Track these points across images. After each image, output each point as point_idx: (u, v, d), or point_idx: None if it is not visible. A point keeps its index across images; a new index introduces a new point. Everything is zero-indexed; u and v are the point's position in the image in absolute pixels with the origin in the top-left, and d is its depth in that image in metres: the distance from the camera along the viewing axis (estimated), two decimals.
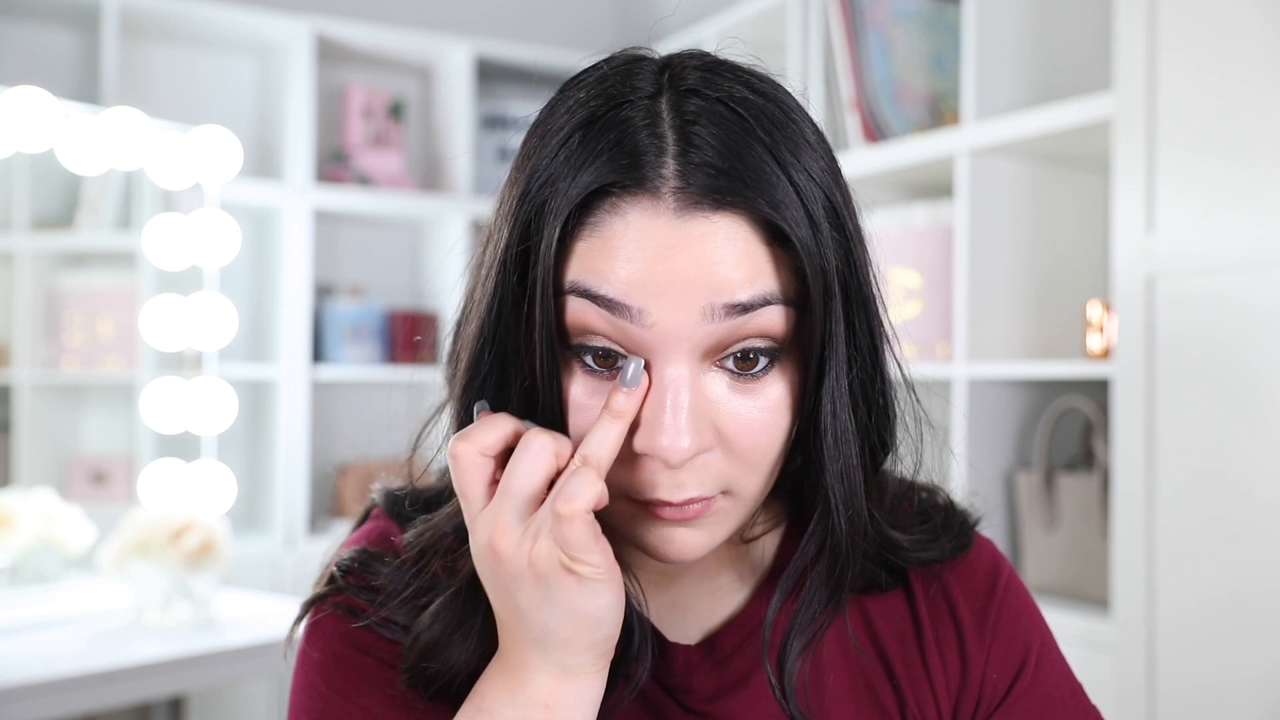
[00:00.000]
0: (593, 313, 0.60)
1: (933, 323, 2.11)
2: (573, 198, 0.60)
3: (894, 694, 0.74)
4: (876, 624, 0.75)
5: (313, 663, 0.71)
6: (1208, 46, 1.58)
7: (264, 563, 2.65)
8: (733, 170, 0.59)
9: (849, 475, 0.65)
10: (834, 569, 0.68)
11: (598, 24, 3.38)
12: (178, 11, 2.63)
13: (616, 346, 0.61)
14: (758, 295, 0.60)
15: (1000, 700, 0.74)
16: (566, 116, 0.63)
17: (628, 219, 0.60)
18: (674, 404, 0.60)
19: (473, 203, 2.95)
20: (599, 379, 0.63)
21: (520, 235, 0.62)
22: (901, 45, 2.27)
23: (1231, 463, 1.55)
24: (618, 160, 0.60)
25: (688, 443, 0.60)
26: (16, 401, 2.36)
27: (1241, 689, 1.53)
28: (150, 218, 2.43)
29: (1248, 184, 1.53)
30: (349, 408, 3.04)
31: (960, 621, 0.75)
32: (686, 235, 0.59)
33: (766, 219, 0.60)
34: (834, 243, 0.62)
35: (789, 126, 0.62)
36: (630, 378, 0.60)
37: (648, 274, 0.59)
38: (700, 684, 0.72)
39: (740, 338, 0.61)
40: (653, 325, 0.60)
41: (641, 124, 0.60)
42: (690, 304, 0.59)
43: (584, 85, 0.64)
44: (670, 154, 0.60)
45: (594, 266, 0.60)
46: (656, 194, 0.59)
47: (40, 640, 1.86)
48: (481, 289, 0.66)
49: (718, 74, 0.63)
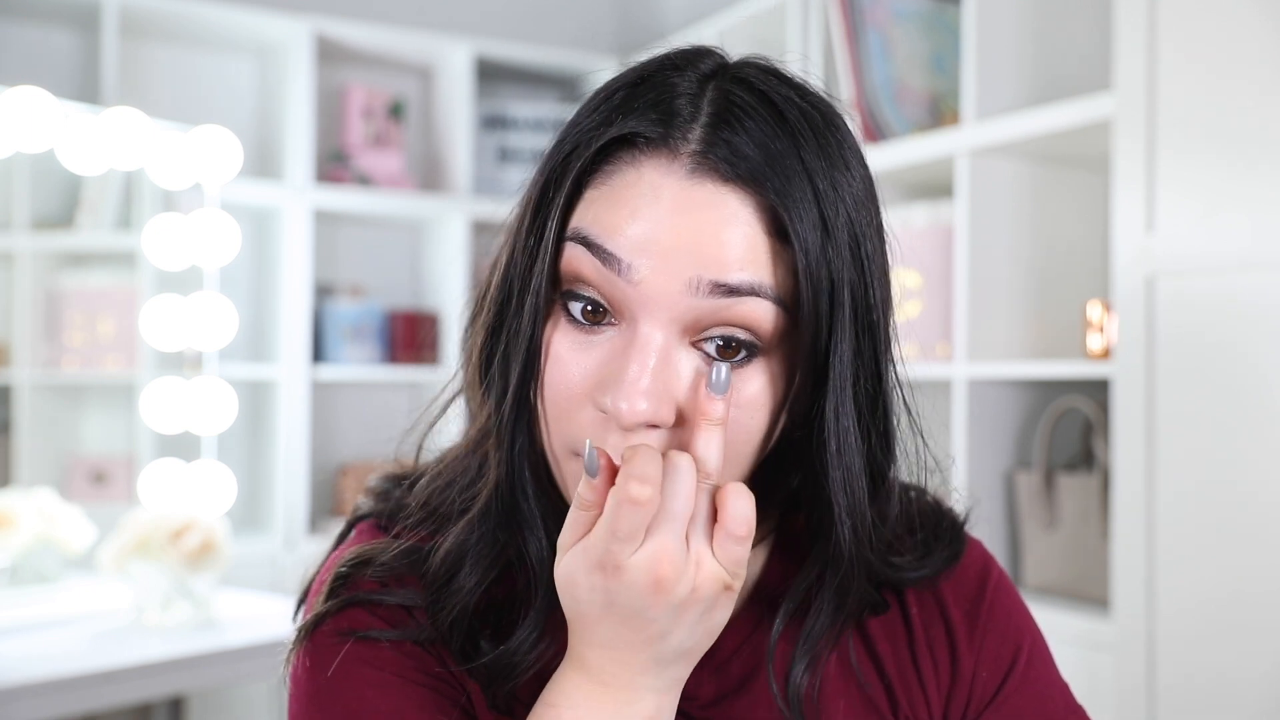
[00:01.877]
0: (587, 261, 0.61)
1: (933, 323, 2.11)
2: (595, 141, 0.62)
3: (886, 695, 0.74)
4: (870, 627, 0.75)
5: (320, 686, 0.67)
6: (1208, 46, 1.58)
7: (264, 563, 2.65)
8: (756, 156, 0.60)
9: (852, 486, 0.65)
10: (838, 586, 0.68)
11: (598, 24, 3.38)
12: (178, 11, 2.63)
13: (603, 300, 0.62)
14: (747, 282, 0.60)
15: (990, 699, 0.74)
16: (620, 79, 0.65)
17: (641, 172, 0.61)
18: (640, 364, 0.60)
19: (473, 203, 2.95)
20: (582, 333, 0.63)
21: (545, 184, 0.64)
22: (901, 45, 2.27)
23: (1232, 462, 1.55)
24: (649, 115, 0.62)
25: (644, 406, 0.60)
26: (16, 401, 2.36)
27: (1241, 689, 1.53)
28: (150, 218, 2.43)
29: (1248, 184, 1.53)
30: (349, 408, 3.04)
31: (950, 622, 0.75)
32: (692, 201, 0.60)
33: (773, 208, 0.60)
34: (849, 259, 0.62)
35: (828, 138, 0.63)
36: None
37: (646, 232, 0.60)
38: (700, 690, 0.72)
39: (722, 321, 0.61)
40: (638, 283, 0.60)
41: (684, 91, 0.62)
42: (679, 270, 0.60)
43: (647, 59, 0.66)
44: (700, 123, 0.61)
45: (598, 216, 0.61)
46: (675, 154, 0.61)
47: (40, 640, 1.86)
48: (508, 246, 0.67)
49: (775, 76, 0.64)
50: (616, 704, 0.61)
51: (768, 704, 0.71)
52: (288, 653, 0.71)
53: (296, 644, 0.70)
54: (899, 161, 2.16)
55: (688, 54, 0.65)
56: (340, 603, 0.69)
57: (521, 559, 0.69)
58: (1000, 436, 2.07)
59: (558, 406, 0.64)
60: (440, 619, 0.68)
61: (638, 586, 0.59)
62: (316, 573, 0.76)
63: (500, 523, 0.68)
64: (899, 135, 2.23)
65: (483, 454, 0.70)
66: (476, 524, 0.69)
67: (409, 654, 0.68)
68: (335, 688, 0.67)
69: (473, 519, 0.69)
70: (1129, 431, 1.66)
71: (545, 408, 0.65)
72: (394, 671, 0.68)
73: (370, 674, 0.67)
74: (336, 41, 2.84)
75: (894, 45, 2.26)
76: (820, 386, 0.63)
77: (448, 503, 0.71)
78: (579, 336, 0.63)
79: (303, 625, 0.70)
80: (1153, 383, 1.64)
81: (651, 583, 0.58)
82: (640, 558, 0.58)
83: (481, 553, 0.68)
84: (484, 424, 0.69)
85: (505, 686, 0.68)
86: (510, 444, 0.67)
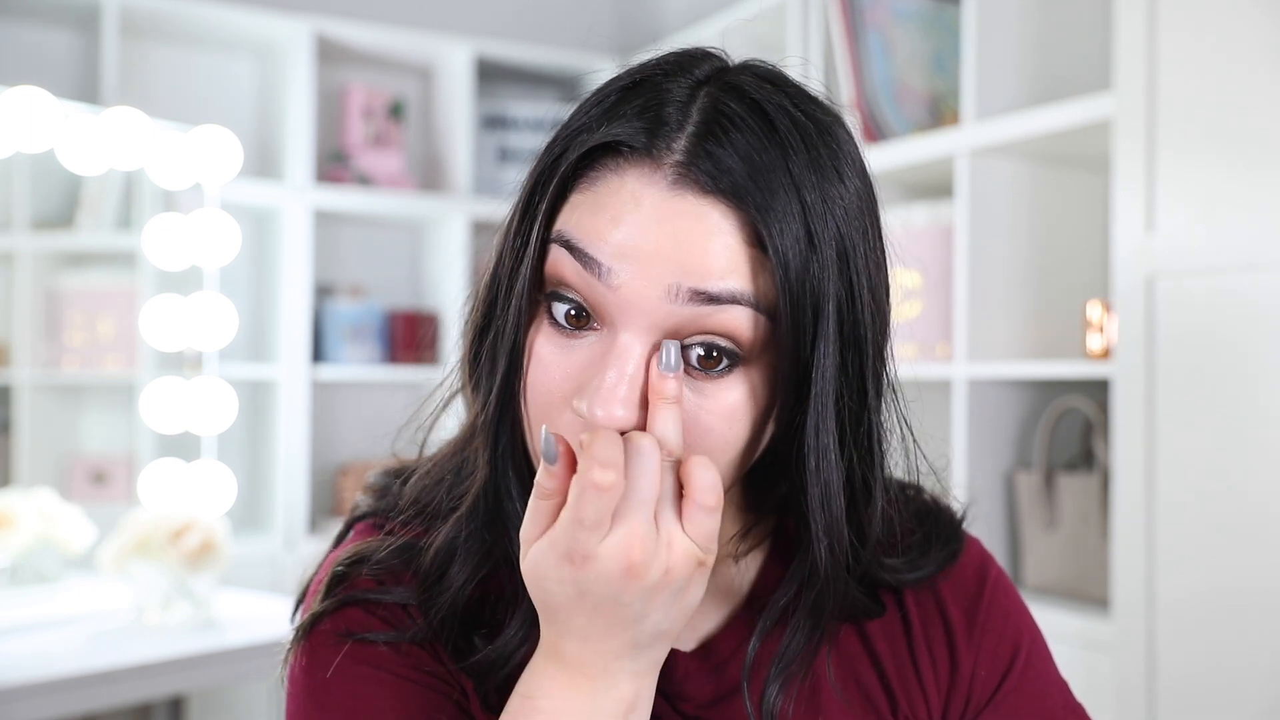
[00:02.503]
0: (569, 264, 0.61)
1: (933, 323, 2.11)
2: (582, 145, 0.62)
3: (885, 694, 0.74)
4: (868, 627, 0.75)
5: (317, 685, 0.68)
6: (1208, 46, 1.58)
7: (264, 563, 2.65)
8: (737, 169, 0.60)
9: (830, 504, 0.64)
10: (813, 604, 0.67)
11: (598, 24, 3.38)
12: (178, 11, 2.63)
13: (584, 304, 0.62)
14: (728, 291, 0.60)
15: (989, 698, 0.74)
16: (615, 81, 0.65)
17: (624, 179, 0.61)
18: (618, 371, 0.60)
19: (473, 203, 2.95)
20: (565, 337, 0.63)
21: (533, 186, 0.64)
22: (901, 45, 2.27)
23: (1232, 462, 1.55)
24: (636, 122, 0.61)
25: (621, 413, 0.59)
26: (16, 401, 2.36)
27: (1241, 688, 1.53)
28: (150, 218, 2.43)
29: (1248, 184, 1.53)
30: (349, 408, 3.04)
31: (949, 621, 0.75)
32: (673, 211, 0.60)
33: (752, 222, 0.60)
34: (836, 273, 0.61)
35: (819, 149, 0.62)
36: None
37: (626, 238, 0.60)
38: (696, 690, 0.72)
39: (702, 330, 0.61)
40: (618, 287, 0.60)
41: (675, 99, 0.62)
42: (658, 277, 0.59)
43: (647, 60, 0.66)
44: (687, 133, 0.61)
45: (581, 220, 0.61)
46: (658, 164, 0.61)
47: (40, 640, 1.86)
48: (497, 247, 0.67)
49: (772, 83, 0.63)
50: (594, 690, 0.61)
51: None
52: (285, 653, 0.71)
53: (294, 644, 0.70)
54: (899, 161, 2.16)
55: (685, 57, 0.65)
56: (337, 602, 0.70)
57: (508, 557, 0.69)
58: (1000, 436, 2.07)
59: (539, 408, 0.64)
60: (432, 615, 0.68)
61: (609, 574, 0.58)
62: (315, 573, 0.76)
63: (486, 521, 0.69)
64: (899, 135, 2.23)
65: (471, 452, 0.71)
66: (465, 522, 0.69)
67: (405, 652, 0.69)
68: (332, 687, 0.67)
69: (461, 517, 0.69)
70: (1129, 431, 1.66)
71: (527, 409, 0.65)
72: (390, 670, 0.68)
73: (367, 672, 0.68)
74: (336, 41, 2.84)
75: (894, 45, 2.26)
76: (802, 401, 0.63)
77: (438, 500, 0.72)
78: (561, 340, 0.63)
79: (300, 625, 0.70)
80: (1153, 383, 1.64)
81: (623, 569, 0.57)
82: (610, 545, 0.58)
83: (470, 550, 0.69)
84: (471, 422, 0.70)
85: (494, 683, 0.68)
86: (494, 443, 0.67)
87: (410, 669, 0.68)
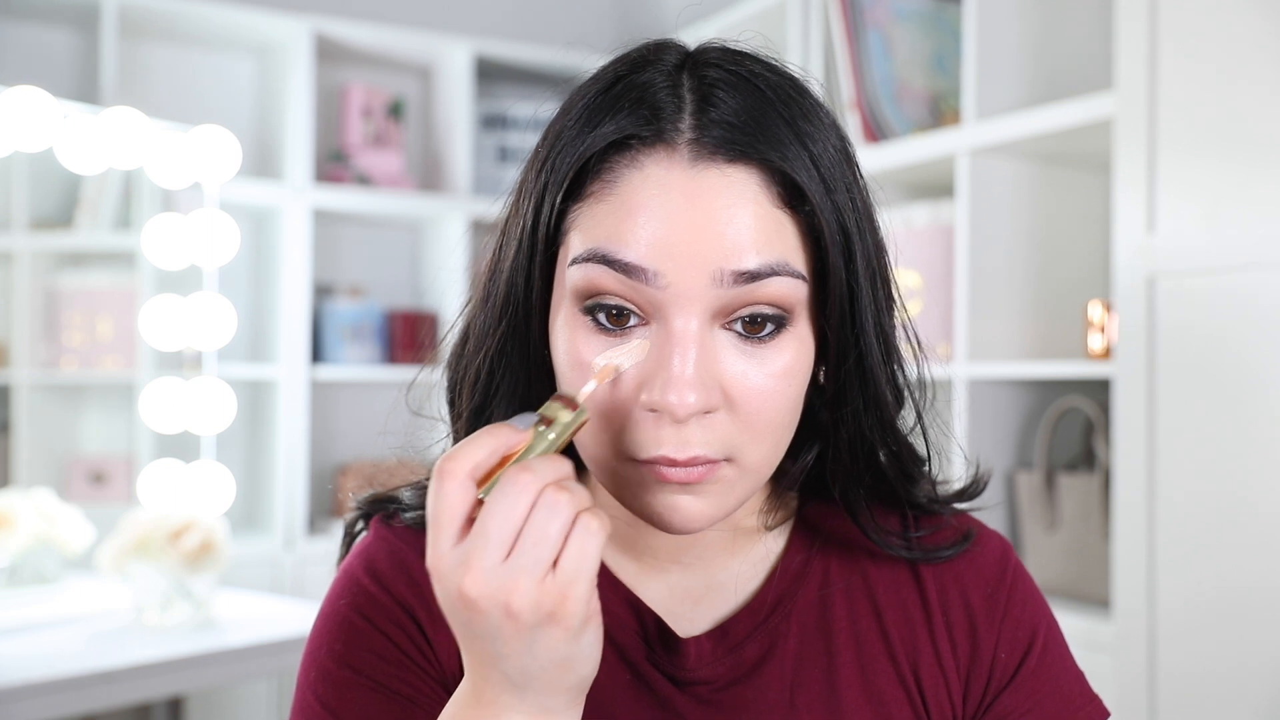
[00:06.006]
0: (609, 277, 0.62)
1: (933, 323, 2.11)
2: (592, 146, 0.63)
3: (904, 674, 0.74)
4: (885, 610, 0.76)
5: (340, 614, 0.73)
6: (1208, 46, 1.58)
7: (263, 563, 2.64)
8: (747, 127, 0.62)
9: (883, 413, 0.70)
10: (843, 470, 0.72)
11: (598, 24, 3.38)
12: (177, 11, 2.63)
13: (630, 305, 0.63)
14: (765, 264, 0.62)
15: (1009, 679, 0.75)
16: (590, 84, 0.66)
17: (645, 172, 0.62)
18: (682, 357, 0.61)
19: (473, 203, 2.94)
20: (611, 337, 0.64)
21: (541, 203, 0.65)
22: (902, 45, 2.27)
23: (1232, 462, 1.55)
24: (637, 113, 0.63)
25: (694, 397, 0.61)
26: (16, 401, 2.36)
27: (1241, 688, 1.53)
28: (149, 217, 2.42)
29: (1248, 184, 1.53)
30: (349, 408, 3.04)
31: (971, 605, 0.76)
32: (700, 188, 0.61)
33: (780, 172, 0.62)
34: (850, 210, 0.65)
35: (804, 103, 0.65)
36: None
37: (664, 235, 0.61)
38: (712, 673, 0.72)
39: (748, 303, 0.63)
40: (666, 287, 0.61)
41: (662, 85, 0.64)
42: (702, 267, 0.61)
43: (610, 62, 0.67)
44: (688, 110, 0.63)
45: (613, 230, 0.62)
46: (673, 146, 0.62)
47: (40, 640, 1.86)
48: (502, 266, 0.68)
49: (739, 55, 0.66)
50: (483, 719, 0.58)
51: (779, 688, 0.72)
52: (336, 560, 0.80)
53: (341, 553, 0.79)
54: (899, 161, 2.15)
55: (648, 50, 0.67)
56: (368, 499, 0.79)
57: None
58: (1001, 436, 2.07)
59: (608, 418, 0.64)
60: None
61: (450, 604, 0.56)
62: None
63: None
64: (899, 135, 2.23)
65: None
66: None
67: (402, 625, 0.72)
68: (341, 614, 0.72)
69: None
70: (1129, 431, 1.66)
71: (595, 422, 0.64)
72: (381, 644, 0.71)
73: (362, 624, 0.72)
74: (336, 41, 2.84)
75: (894, 45, 2.26)
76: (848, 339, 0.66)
77: None
78: (607, 341, 0.64)
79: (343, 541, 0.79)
80: (1153, 383, 1.63)
81: (462, 603, 0.55)
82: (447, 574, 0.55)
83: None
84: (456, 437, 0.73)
85: None
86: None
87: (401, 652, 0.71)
